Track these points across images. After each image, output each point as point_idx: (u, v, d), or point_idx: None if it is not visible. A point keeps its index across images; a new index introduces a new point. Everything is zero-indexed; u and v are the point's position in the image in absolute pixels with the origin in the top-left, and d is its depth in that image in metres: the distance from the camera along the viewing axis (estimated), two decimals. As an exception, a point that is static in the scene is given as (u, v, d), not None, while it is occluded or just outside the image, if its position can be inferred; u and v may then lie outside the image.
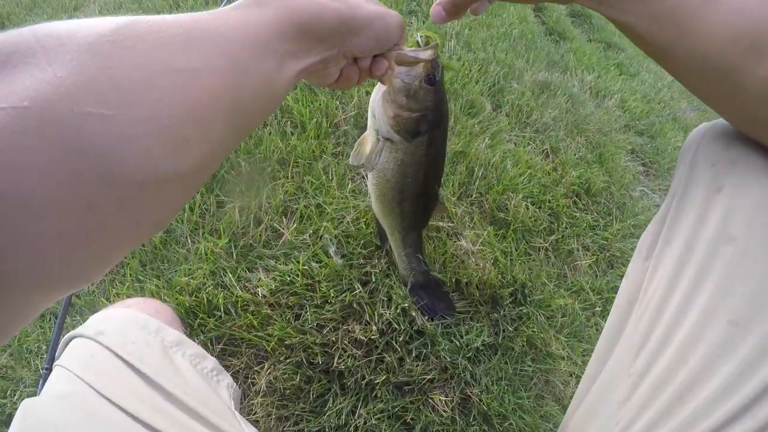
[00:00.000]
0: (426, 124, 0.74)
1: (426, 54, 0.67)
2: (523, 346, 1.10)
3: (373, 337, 0.99)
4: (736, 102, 0.50)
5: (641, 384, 0.53)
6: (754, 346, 0.45)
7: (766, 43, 0.45)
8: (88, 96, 0.26)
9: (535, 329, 1.12)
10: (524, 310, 1.13)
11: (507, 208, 1.29)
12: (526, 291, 1.16)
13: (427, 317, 1.03)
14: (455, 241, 1.16)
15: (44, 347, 1.04)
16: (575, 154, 1.59)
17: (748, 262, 0.48)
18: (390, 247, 1.01)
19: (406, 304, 1.03)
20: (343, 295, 1.02)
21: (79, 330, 0.67)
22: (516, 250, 1.20)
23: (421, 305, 1.03)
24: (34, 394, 0.63)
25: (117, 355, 0.62)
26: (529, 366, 1.09)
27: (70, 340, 0.67)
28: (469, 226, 1.21)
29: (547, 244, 1.29)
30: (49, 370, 0.67)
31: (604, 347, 0.63)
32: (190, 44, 0.33)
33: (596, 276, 1.36)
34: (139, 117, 0.28)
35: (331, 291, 1.02)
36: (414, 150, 0.77)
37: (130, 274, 1.07)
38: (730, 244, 0.49)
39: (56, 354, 0.69)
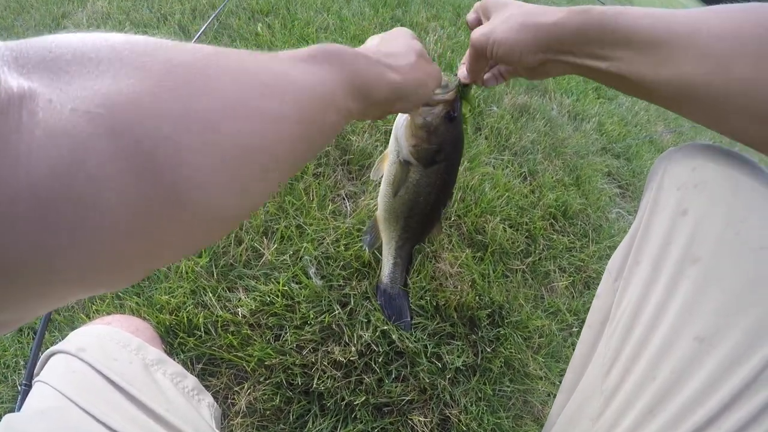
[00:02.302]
0: (442, 154, 0.81)
1: (448, 95, 0.73)
2: (502, 366, 1.11)
3: (352, 358, 1.00)
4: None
5: (613, 400, 0.55)
6: (720, 361, 0.47)
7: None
8: (166, 119, 0.26)
9: (512, 350, 1.13)
10: (502, 332, 1.14)
11: (485, 231, 1.31)
12: (503, 312, 1.18)
13: (386, 318, 1.05)
14: (434, 263, 1.17)
15: (22, 362, 1.02)
16: (552, 177, 1.63)
17: (713, 281, 0.50)
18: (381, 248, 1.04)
19: (386, 326, 1.04)
20: (323, 316, 1.03)
21: (59, 346, 0.66)
22: (494, 272, 1.22)
23: (383, 307, 1.04)
24: (12, 410, 0.62)
25: (99, 372, 0.62)
26: (508, 386, 1.10)
27: (50, 356, 0.66)
28: (447, 248, 1.23)
29: (524, 266, 1.31)
30: (29, 386, 0.66)
31: (578, 366, 0.65)
32: (268, 88, 0.34)
33: (573, 297, 1.38)
34: (215, 153, 0.28)
35: (311, 312, 1.02)
36: (429, 175, 0.84)
37: (111, 291, 1.06)
38: (696, 264, 0.52)
39: (35, 370, 0.68)
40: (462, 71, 0.73)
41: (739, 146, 0.55)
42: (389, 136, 0.84)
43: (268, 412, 0.97)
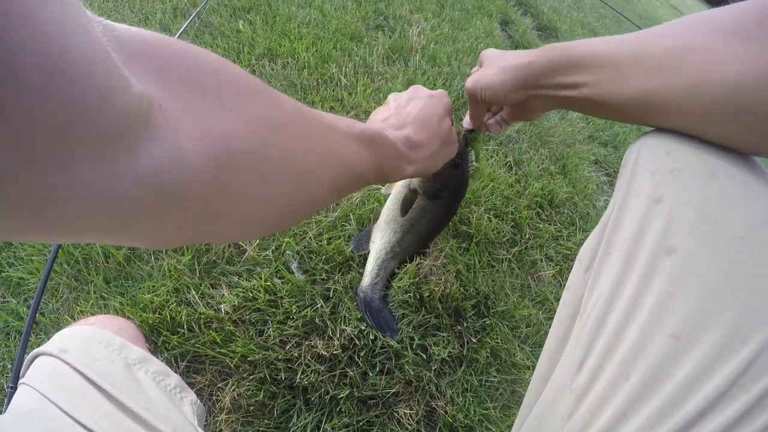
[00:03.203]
0: (446, 192, 0.93)
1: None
2: (488, 357, 1.11)
3: (335, 352, 0.99)
4: None
5: (585, 400, 0.52)
6: (698, 361, 0.45)
7: None
8: (253, 154, 0.36)
9: (499, 340, 1.13)
10: (487, 322, 1.14)
11: (470, 221, 1.30)
12: (489, 303, 1.17)
13: (366, 324, 1.03)
14: (418, 258, 1.17)
15: (9, 365, 1.02)
16: (538, 166, 1.62)
17: (689, 274, 0.48)
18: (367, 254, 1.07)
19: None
20: (306, 310, 1.02)
21: (43, 348, 0.66)
22: (479, 263, 1.21)
23: (365, 316, 1.03)
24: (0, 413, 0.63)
25: (80, 373, 0.62)
26: (495, 377, 1.10)
27: (35, 357, 0.67)
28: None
29: (510, 256, 1.31)
30: (14, 388, 0.66)
31: (547, 362, 0.63)
32: (323, 157, 0.47)
33: (560, 286, 1.38)
34: (271, 198, 0.40)
35: (294, 307, 1.01)
36: (433, 205, 0.95)
37: (94, 291, 1.05)
38: (671, 255, 0.49)
39: (21, 372, 0.68)
40: (466, 119, 0.85)
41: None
42: None
43: (252, 408, 0.96)
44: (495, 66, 0.70)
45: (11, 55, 0.18)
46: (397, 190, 0.96)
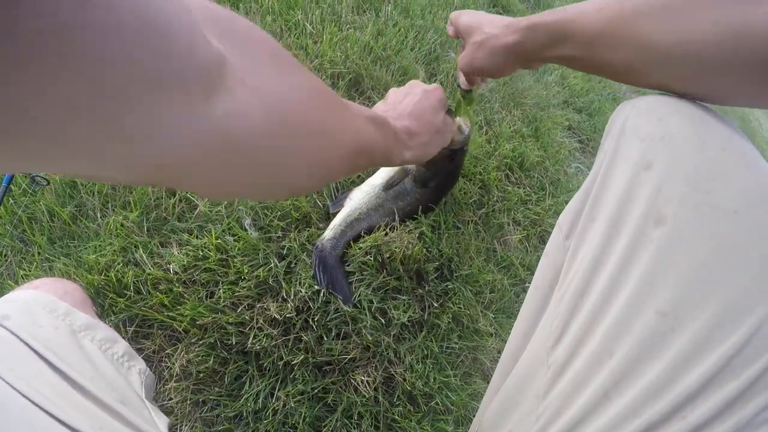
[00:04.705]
0: (434, 182, 1.01)
1: (459, 138, 0.99)
2: (450, 322, 1.07)
3: (289, 315, 0.93)
4: None
5: (562, 378, 0.49)
6: (688, 341, 0.42)
7: None
8: (298, 114, 0.41)
9: (461, 305, 1.09)
10: (450, 286, 1.09)
11: (436, 180, 1.25)
12: (452, 266, 1.13)
13: (318, 283, 0.98)
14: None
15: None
16: (510, 127, 1.56)
17: (680, 245, 0.44)
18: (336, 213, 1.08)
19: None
20: (259, 270, 0.96)
21: None
22: (444, 224, 1.17)
23: (318, 270, 0.99)
24: None
25: (22, 341, 0.59)
26: (456, 343, 1.07)
27: None
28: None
29: (476, 218, 1.26)
30: None
31: (521, 333, 0.59)
32: (346, 115, 0.53)
33: (527, 251, 1.34)
34: (314, 149, 0.46)
35: (246, 267, 0.95)
36: (416, 192, 1.05)
37: (39, 253, 0.97)
38: (660, 226, 0.46)
39: None
40: (461, 79, 0.92)
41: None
42: None
43: (202, 375, 0.91)
44: (483, 49, 0.75)
45: (110, 7, 0.20)
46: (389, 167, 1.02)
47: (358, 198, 1.05)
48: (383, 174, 1.06)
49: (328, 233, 1.01)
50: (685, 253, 0.44)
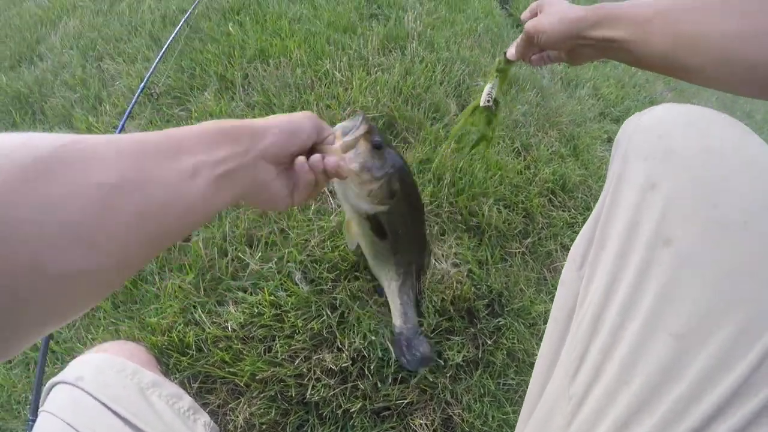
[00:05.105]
0: (395, 180, 0.82)
1: (360, 129, 0.76)
2: (505, 358, 1.06)
3: (345, 364, 0.95)
4: None
5: (582, 408, 0.48)
6: (705, 363, 0.41)
7: None
8: (25, 205, 0.32)
9: (515, 340, 1.08)
10: (502, 322, 1.09)
11: (479, 214, 1.25)
12: (503, 300, 1.13)
13: (406, 369, 0.98)
14: (433, 263, 1.12)
15: (31, 396, 1.02)
16: (548, 150, 1.55)
17: (689, 267, 0.44)
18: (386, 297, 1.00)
19: (379, 328, 0.99)
20: (312, 323, 0.98)
21: (59, 376, 0.68)
22: (491, 258, 1.17)
23: (402, 357, 0.96)
24: None
25: (96, 399, 0.64)
26: (513, 379, 1.06)
27: (53, 386, 0.68)
28: (440, 240, 1.18)
29: (523, 248, 1.25)
30: (35, 419, 0.68)
31: (545, 365, 0.59)
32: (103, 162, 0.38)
33: (578, 275, 1.32)
34: (62, 223, 0.33)
35: (300, 320, 0.98)
36: (396, 206, 0.84)
37: (104, 318, 1.04)
38: (668, 246, 0.45)
39: (40, 401, 0.70)
40: (511, 50, 0.94)
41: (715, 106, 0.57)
42: None
43: (265, 427, 0.94)
44: (555, 15, 0.79)
45: None
46: (358, 229, 0.89)
47: (382, 275, 0.97)
48: (365, 241, 0.93)
49: (394, 314, 0.97)
50: (696, 273, 0.43)
